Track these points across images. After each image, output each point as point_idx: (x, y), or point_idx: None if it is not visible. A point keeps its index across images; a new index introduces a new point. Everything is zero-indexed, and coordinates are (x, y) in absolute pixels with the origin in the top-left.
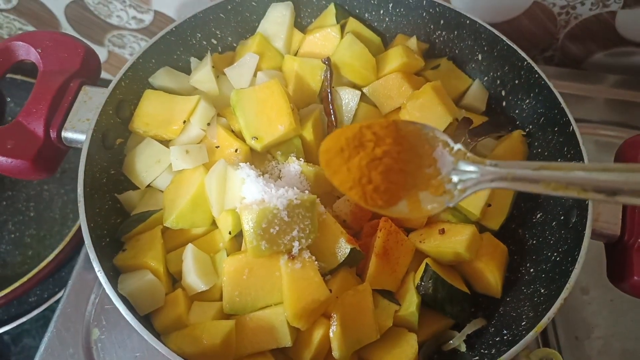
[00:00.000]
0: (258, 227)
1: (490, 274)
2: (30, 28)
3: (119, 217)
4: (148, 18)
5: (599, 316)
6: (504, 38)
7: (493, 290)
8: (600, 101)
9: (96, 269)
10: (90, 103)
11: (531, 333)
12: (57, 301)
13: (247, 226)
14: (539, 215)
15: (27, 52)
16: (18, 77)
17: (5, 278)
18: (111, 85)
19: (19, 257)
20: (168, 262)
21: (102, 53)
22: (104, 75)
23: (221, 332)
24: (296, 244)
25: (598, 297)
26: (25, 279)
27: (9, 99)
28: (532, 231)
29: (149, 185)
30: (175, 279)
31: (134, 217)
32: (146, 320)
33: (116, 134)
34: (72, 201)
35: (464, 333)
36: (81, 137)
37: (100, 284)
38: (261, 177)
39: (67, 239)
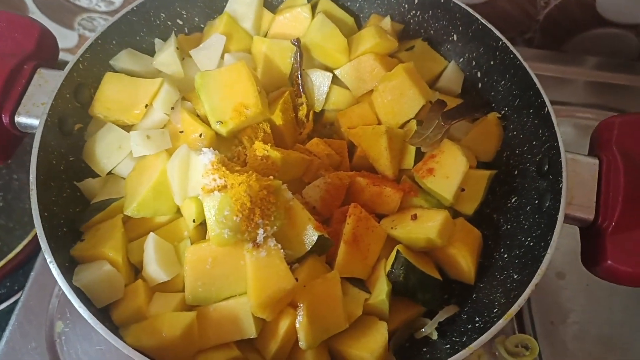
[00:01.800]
0: (220, 214)
1: (463, 260)
2: None
3: (79, 205)
4: (118, 0)
5: (574, 301)
6: (479, 17)
7: (466, 276)
8: (580, 83)
9: (48, 260)
10: (45, 86)
11: (500, 321)
12: None
13: (209, 214)
14: (513, 200)
15: None
16: None
17: None
18: (67, 68)
19: None
20: (129, 252)
21: (72, 37)
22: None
23: (182, 323)
24: (261, 231)
25: (574, 282)
26: None
27: None
28: (507, 216)
29: (110, 173)
30: (137, 270)
31: (94, 205)
32: (105, 313)
33: (75, 119)
34: None
35: (435, 320)
36: (35, 122)
37: None
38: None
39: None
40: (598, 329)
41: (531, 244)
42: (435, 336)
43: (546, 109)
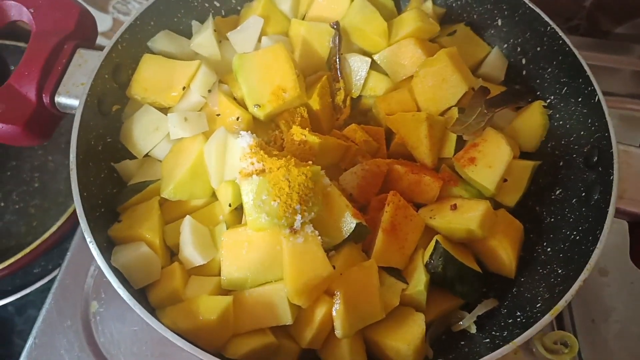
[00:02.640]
0: (258, 198)
1: (504, 253)
2: None
3: (116, 187)
4: None
5: (617, 299)
6: (527, 1)
7: (507, 269)
8: (627, 73)
9: (88, 240)
10: (85, 67)
11: (546, 316)
12: None
13: (247, 198)
14: (558, 192)
15: (20, 12)
16: (22, 44)
17: (9, 248)
18: (107, 48)
19: (23, 227)
20: (165, 235)
21: (106, 21)
22: (106, 42)
23: (218, 307)
24: (298, 217)
25: (617, 279)
26: (28, 249)
27: (12, 68)
28: (551, 208)
29: (147, 155)
30: (173, 253)
31: (131, 187)
32: (141, 294)
33: (113, 100)
34: None
35: (474, 314)
36: (75, 102)
37: None
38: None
39: (71, 210)
40: None
41: (577, 237)
42: (473, 330)
43: (597, 97)
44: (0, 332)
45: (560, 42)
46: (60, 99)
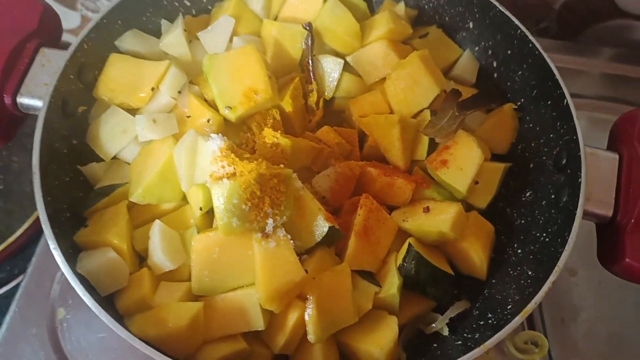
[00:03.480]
0: (229, 202)
1: (476, 255)
2: None
3: (82, 190)
4: None
5: (586, 298)
6: (497, 4)
7: (478, 271)
8: (595, 75)
9: (51, 246)
10: (48, 66)
11: (517, 318)
12: None
13: (218, 202)
14: (528, 194)
15: None
16: None
17: None
18: (72, 48)
19: None
20: (134, 240)
21: (74, 18)
22: (74, 40)
23: (188, 314)
24: (270, 221)
25: (586, 279)
26: None
27: None
28: (521, 210)
29: (114, 157)
30: (142, 258)
31: (98, 190)
32: (108, 301)
33: (78, 101)
34: None
35: (446, 316)
36: (38, 103)
37: None
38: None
39: (37, 213)
40: (609, 328)
41: (547, 239)
42: (446, 332)
43: (565, 101)
44: None
45: (530, 45)
46: (23, 100)
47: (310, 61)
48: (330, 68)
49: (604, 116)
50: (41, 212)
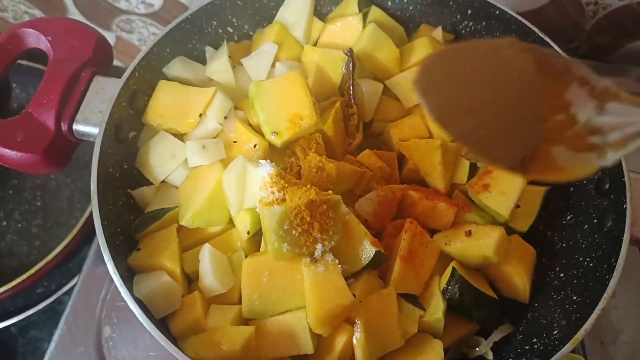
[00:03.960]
0: (280, 228)
1: (519, 278)
2: (36, 11)
3: (132, 214)
4: (158, 2)
5: (625, 321)
6: (536, 30)
7: (521, 295)
8: None
9: (111, 272)
10: (102, 94)
11: (567, 345)
12: (65, 293)
13: (269, 227)
14: (569, 217)
15: (37, 40)
16: (24, 62)
17: (12, 269)
18: (125, 76)
19: (25, 247)
20: (184, 262)
21: (109, 38)
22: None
23: (241, 337)
24: (319, 246)
25: (625, 300)
26: (33, 270)
27: (14, 85)
28: (562, 234)
29: (163, 181)
30: (190, 279)
31: (149, 214)
32: (162, 323)
33: (129, 127)
34: (79, 191)
35: (491, 340)
36: (93, 130)
37: (110, 279)
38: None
39: (75, 230)
40: None
41: (591, 264)
42: (490, 356)
43: None
44: (3, 354)
45: None
46: (79, 127)
47: (351, 86)
48: (370, 92)
49: None
50: (100, 238)
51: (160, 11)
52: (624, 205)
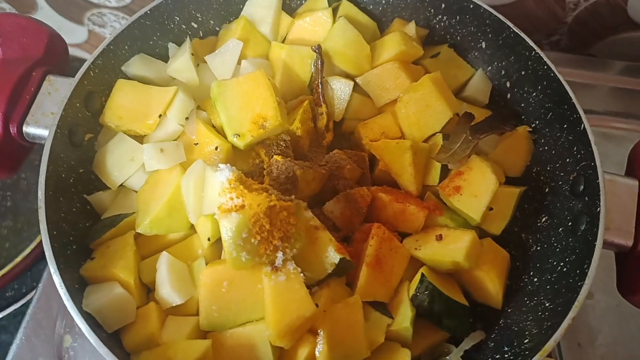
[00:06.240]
0: (238, 237)
1: (491, 284)
2: (5, 4)
3: (89, 220)
4: None
5: (603, 322)
6: (511, 25)
7: (493, 300)
8: (606, 90)
9: (57, 283)
10: (55, 95)
11: (536, 357)
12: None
13: (226, 236)
14: (544, 219)
15: None
16: None
17: None
18: (78, 75)
19: None
20: (141, 272)
21: (82, 32)
22: (83, 54)
23: (196, 352)
24: (280, 254)
25: (603, 302)
26: (1, 273)
27: None
28: (537, 236)
29: (121, 185)
30: (149, 289)
31: (104, 221)
32: (115, 337)
33: (85, 129)
34: None
35: (461, 348)
36: (45, 132)
37: None
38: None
39: None
40: (627, 351)
41: (564, 269)
42: None
43: (582, 126)
44: None
45: (545, 67)
46: (29, 129)
47: (320, 83)
48: (340, 90)
49: (615, 131)
50: (47, 249)
51: (132, 4)
52: (598, 209)
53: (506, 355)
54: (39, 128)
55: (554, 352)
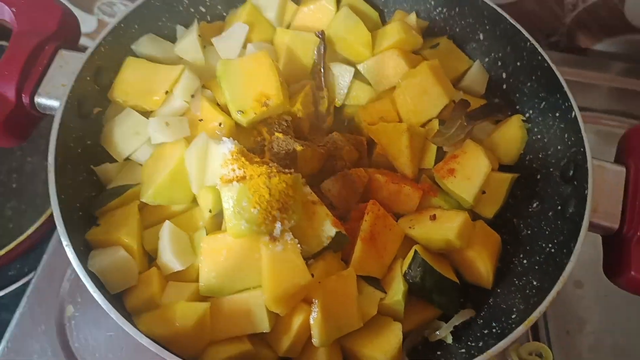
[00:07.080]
0: (238, 205)
1: (482, 264)
2: None
3: (95, 190)
4: None
5: (591, 311)
6: (508, 17)
7: (484, 280)
8: (604, 89)
9: (64, 243)
10: (66, 68)
11: (520, 327)
12: None
13: (227, 204)
14: (535, 205)
15: (1, 11)
16: (4, 42)
17: None
18: (89, 50)
19: None
20: (144, 240)
21: (91, 22)
22: (90, 44)
23: (195, 314)
24: (278, 225)
25: (592, 292)
26: (3, 251)
27: None
28: (528, 221)
29: (127, 158)
30: (152, 258)
31: (110, 190)
32: (117, 300)
33: (94, 103)
34: None
35: (451, 324)
36: (55, 103)
37: None
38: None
39: (49, 212)
40: (614, 340)
41: (552, 250)
42: (450, 340)
43: (573, 114)
44: None
45: (539, 57)
46: (40, 100)
47: (322, 69)
48: (341, 76)
49: (612, 130)
50: (55, 210)
51: None
52: (586, 192)
53: (494, 330)
54: (50, 99)
55: (544, 339)
